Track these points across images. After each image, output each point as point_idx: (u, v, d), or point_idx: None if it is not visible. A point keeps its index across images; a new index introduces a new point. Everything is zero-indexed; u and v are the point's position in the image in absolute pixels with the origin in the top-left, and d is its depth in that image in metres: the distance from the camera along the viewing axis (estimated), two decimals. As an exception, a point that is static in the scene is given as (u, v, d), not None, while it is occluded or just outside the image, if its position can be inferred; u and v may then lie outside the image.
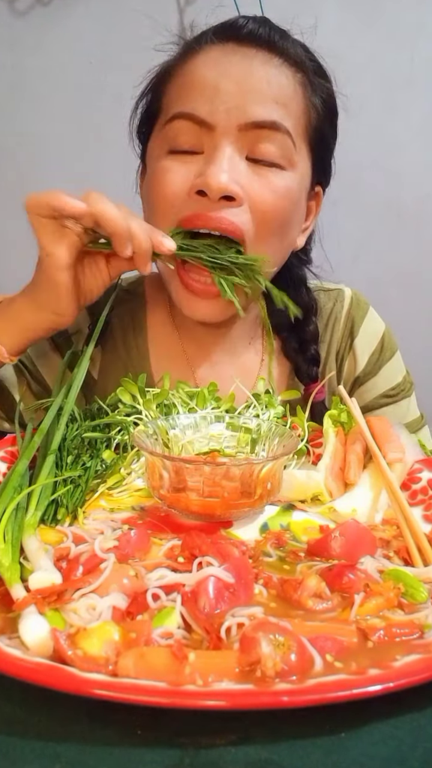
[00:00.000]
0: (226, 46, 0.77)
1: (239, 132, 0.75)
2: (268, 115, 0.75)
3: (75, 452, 0.70)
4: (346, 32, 1.77)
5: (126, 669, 0.40)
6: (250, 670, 0.40)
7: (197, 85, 0.76)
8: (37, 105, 1.74)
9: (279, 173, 0.77)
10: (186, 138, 0.76)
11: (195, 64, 0.78)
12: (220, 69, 0.75)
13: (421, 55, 1.83)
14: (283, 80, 0.77)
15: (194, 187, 0.74)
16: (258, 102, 0.75)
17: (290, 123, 0.77)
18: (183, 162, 0.76)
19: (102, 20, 1.69)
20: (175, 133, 0.77)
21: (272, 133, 0.75)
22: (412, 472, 0.71)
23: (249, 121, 0.74)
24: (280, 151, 0.76)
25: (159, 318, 0.95)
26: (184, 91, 0.77)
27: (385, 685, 0.38)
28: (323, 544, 0.56)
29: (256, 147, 0.75)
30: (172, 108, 0.78)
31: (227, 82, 0.74)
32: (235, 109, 0.74)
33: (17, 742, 0.38)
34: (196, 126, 0.75)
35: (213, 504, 0.61)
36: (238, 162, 0.75)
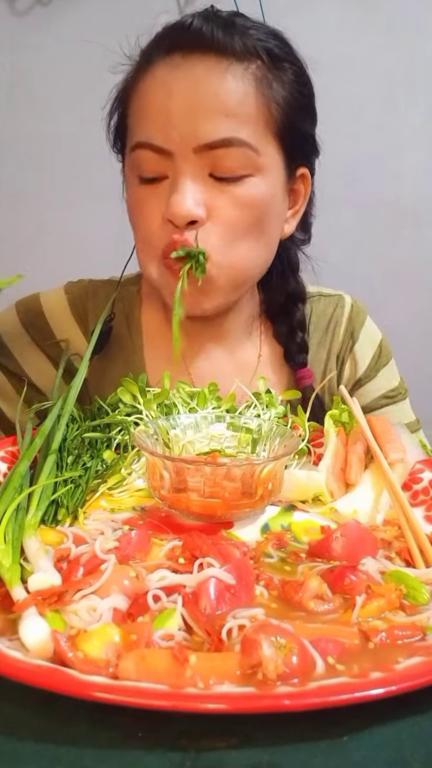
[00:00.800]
0: (172, 59, 0.76)
1: (195, 154, 0.75)
2: (220, 133, 0.74)
3: (75, 452, 0.69)
4: (346, 32, 1.77)
5: (127, 671, 0.39)
6: (252, 672, 0.40)
7: (150, 111, 0.77)
8: (37, 105, 1.74)
9: (244, 183, 0.77)
10: (150, 166, 0.78)
11: (146, 86, 0.78)
12: (167, 89, 0.75)
13: (421, 55, 1.83)
14: (231, 86, 0.75)
15: (165, 217, 0.77)
16: (207, 120, 0.74)
17: (246, 130, 0.76)
18: (152, 191, 0.78)
19: (102, 20, 1.69)
20: (139, 162, 0.79)
21: (228, 149, 0.75)
22: (413, 473, 0.71)
23: (201, 143, 0.74)
24: (240, 163, 0.76)
25: (154, 315, 0.96)
26: (140, 118, 0.78)
27: (388, 688, 0.38)
28: (324, 545, 0.56)
29: (216, 164, 0.76)
30: (134, 135, 0.79)
31: (175, 104, 0.74)
32: (187, 133, 0.74)
33: (17, 744, 0.37)
34: (156, 154, 0.76)
35: (214, 504, 0.61)
36: (201, 183, 0.76)
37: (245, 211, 0.78)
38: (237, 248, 0.79)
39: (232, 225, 0.78)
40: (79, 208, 1.77)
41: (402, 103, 1.85)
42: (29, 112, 1.75)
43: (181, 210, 0.75)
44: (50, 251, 1.78)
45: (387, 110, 1.84)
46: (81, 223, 1.75)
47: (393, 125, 1.86)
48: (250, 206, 0.78)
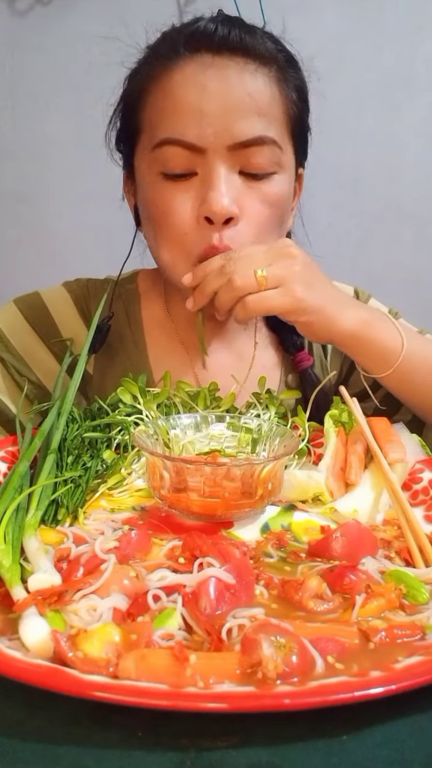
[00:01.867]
0: (201, 58, 0.77)
1: (229, 152, 0.77)
2: (254, 131, 0.77)
3: (75, 452, 0.69)
4: (346, 32, 1.77)
5: (127, 671, 0.39)
6: (252, 671, 0.40)
7: (181, 108, 0.77)
8: (37, 105, 1.74)
9: (270, 180, 0.80)
10: (178, 162, 0.78)
11: (173, 83, 0.78)
12: (200, 87, 0.76)
13: (421, 55, 1.83)
14: (261, 86, 0.78)
15: (200, 215, 0.78)
16: (242, 119, 0.76)
17: (274, 130, 0.79)
18: (181, 188, 0.79)
19: (102, 20, 1.69)
20: (165, 158, 0.79)
21: (260, 147, 0.78)
22: (413, 473, 0.71)
23: (237, 141, 0.77)
24: (269, 161, 0.79)
25: (154, 311, 0.97)
26: (168, 115, 0.78)
27: (387, 687, 0.38)
28: (324, 545, 0.56)
29: (247, 162, 0.78)
30: (158, 132, 0.79)
31: (210, 102, 0.76)
32: (223, 130, 0.76)
33: (17, 744, 0.37)
34: (186, 150, 0.77)
35: (214, 504, 0.61)
36: (233, 180, 0.78)
37: (272, 208, 0.81)
38: (266, 242, 0.81)
39: (261, 223, 0.80)
40: (79, 208, 1.77)
41: (402, 103, 1.85)
42: (29, 112, 1.74)
43: (221, 208, 0.76)
44: (50, 251, 1.78)
45: (387, 110, 1.84)
46: (81, 223, 1.75)
47: (393, 125, 1.85)
48: (276, 203, 0.81)
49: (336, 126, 1.72)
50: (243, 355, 0.96)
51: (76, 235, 1.78)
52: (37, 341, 0.93)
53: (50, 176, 1.78)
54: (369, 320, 0.79)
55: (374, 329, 0.79)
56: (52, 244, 1.80)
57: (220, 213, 0.76)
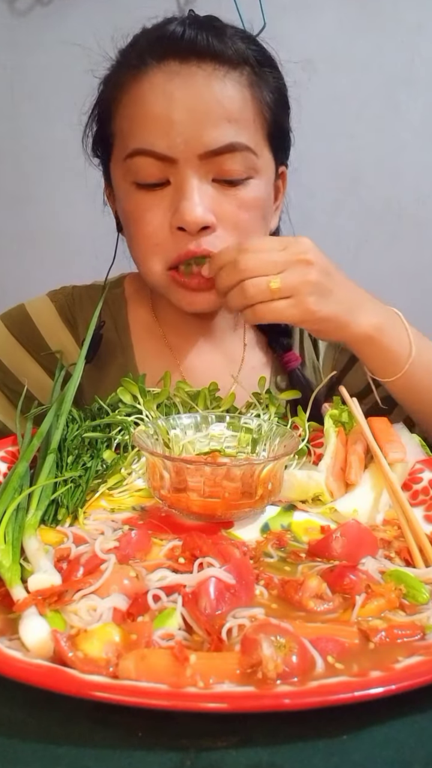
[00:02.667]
0: (168, 66, 0.76)
1: (200, 160, 0.76)
2: (225, 138, 0.76)
3: (75, 452, 0.69)
4: (346, 32, 1.76)
5: (127, 671, 0.39)
6: (252, 671, 0.40)
7: (150, 118, 0.76)
8: (37, 105, 1.74)
9: (245, 186, 0.80)
10: (150, 172, 0.78)
11: (141, 93, 0.77)
12: (168, 96, 0.75)
13: (421, 55, 1.82)
14: (231, 92, 0.77)
15: (173, 224, 0.78)
16: (212, 127, 0.75)
17: (246, 135, 0.78)
18: (154, 197, 0.79)
19: (102, 20, 1.69)
20: (137, 168, 0.78)
21: (232, 154, 0.77)
22: (413, 473, 0.71)
23: (208, 150, 0.76)
24: (243, 167, 0.78)
25: (141, 314, 0.97)
26: (138, 125, 0.77)
27: (387, 687, 0.38)
28: (324, 545, 0.56)
29: (220, 170, 0.78)
30: (129, 142, 0.78)
31: (178, 112, 0.75)
32: (193, 139, 0.75)
33: (17, 744, 0.37)
34: (158, 160, 0.77)
35: (214, 504, 0.61)
36: (206, 188, 0.78)
37: (250, 212, 0.80)
38: None
39: (240, 227, 0.80)
40: (79, 208, 1.76)
41: (402, 103, 1.84)
42: (29, 112, 1.74)
43: (194, 217, 0.75)
44: (50, 251, 1.78)
45: (387, 110, 1.84)
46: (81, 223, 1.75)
47: (393, 125, 1.85)
48: (254, 207, 0.80)
49: (336, 126, 1.72)
50: (232, 356, 0.97)
51: (75, 235, 1.77)
52: (25, 355, 0.93)
53: (50, 176, 1.78)
54: (381, 325, 0.78)
55: (385, 335, 0.78)
56: (52, 244, 1.80)
57: (194, 222, 0.76)
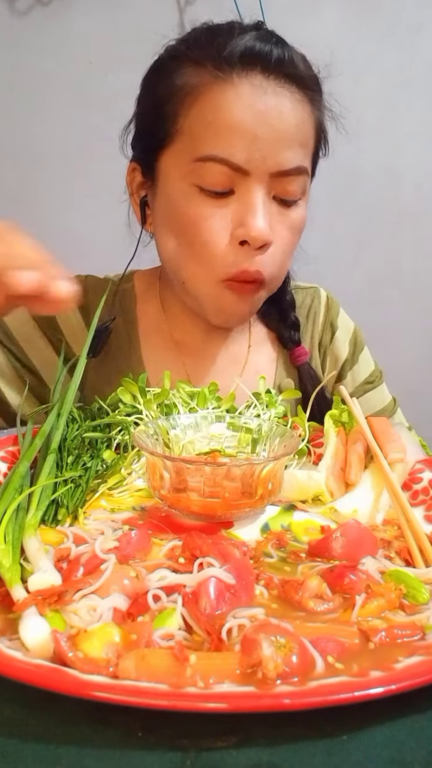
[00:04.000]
0: (253, 78, 0.77)
1: (270, 178, 0.78)
2: (296, 161, 0.79)
3: (75, 452, 0.69)
4: (346, 32, 1.77)
5: (127, 671, 0.39)
6: (252, 671, 0.40)
7: (234, 129, 0.76)
8: (37, 105, 1.74)
9: (297, 207, 0.83)
10: (219, 180, 0.78)
11: (226, 101, 0.76)
12: (256, 112, 0.76)
13: (421, 55, 1.83)
14: (305, 116, 0.80)
15: (237, 237, 0.79)
16: (288, 148, 0.78)
17: (308, 160, 0.82)
18: (217, 206, 0.79)
19: (102, 20, 1.69)
20: (207, 173, 0.78)
21: (297, 176, 0.80)
22: (413, 473, 0.71)
23: (281, 170, 0.78)
24: (300, 189, 0.82)
25: (150, 310, 0.98)
26: (218, 132, 0.76)
27: (387, 687, 0.38)
28: (324, 545, 0.56)
29: (283, 190, 0.80)
30: (203, 146, 0.77)
31: (263, 129, 0.76)
32: (270, 157, 0.77)
33: (17, 744, 0.37)
34: (231, 170, 0.77)
35: (214, 504, 0.61)
36: (269, 206, 0.80)
37: (296, 234, 0.84)
38: (284, 269, 0.86)
39: (287, 249, 0.84)
40: (79, 208, 1.77)
41: (402, 103, 1.85)
42: (29, 112, 1.74)
43: (261, 233, 0.77)
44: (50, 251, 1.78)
45: (387, 110, 1.84)
46: (81, 223, 1.75)
47: (393, 125, 1.85)
48: (300, 229, 0.85)
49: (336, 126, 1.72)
50: (236, 355, 0.98)
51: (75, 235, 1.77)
52: (36, 330, 0.93)
53: (50, 176, 1.78)
54: None
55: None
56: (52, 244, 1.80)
57: (260, 238, 0.77)
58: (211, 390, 0.83)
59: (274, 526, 0.63)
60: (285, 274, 0.90)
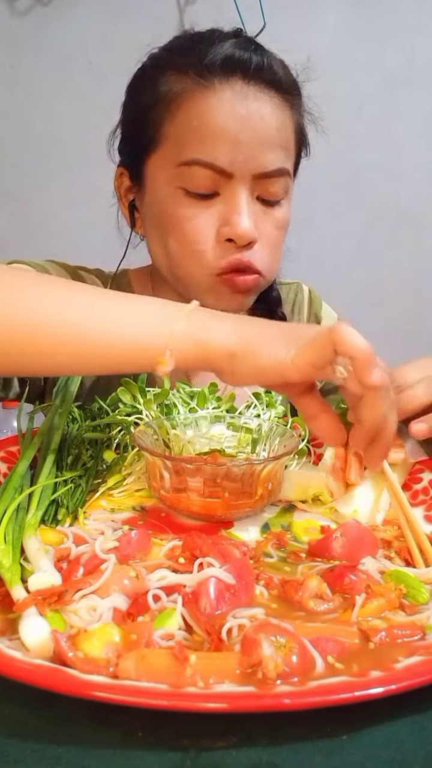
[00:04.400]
0: (235, 85, 0.79)
1: (253, 179, 0.81)
2: (278, 163, 0.82)
3: (75, 452, 0.69)
4: (346, 32, 1.77)
5: (127, 671, 0.39)
6: (252, 671, 0.40)
7: (217, 133, 0.79)
8: (37, 105, 1.74)
9: (280, 207, 0.85)
10: (203, 182, 0.81)
11: (209, 107, 0.79)
12: (238, 116, 0.79)
13: (421, 55, 1.83)
14: (285, 120, 0.82)
15: (223, 235, 0.81)
16: (270, 151, 0.81)
17: (289, 162, 0.84)
18: (203, 207, 0.82)
19: (102, 20, 1.69)
20: (192, 177, 0.80)
21: (278, 177, 0.83)
22: (413, 473, 0.71)
23: (263, 171, 0.81)
24: (282, 190, 0.84)
25: None
26: (202, 136, 0.79)
27: (387, 687, 0.38)
28: (324, 545, 0.56)
29: (265, 190, 0.83)
30: (187, 150, 0.80)
31: (246, 133, 0.79)
32: (252, 159, 0.80)
33: (17, 744, 0.37)
34: (215, 173, 0.80)
35: (214, 504, 0.61)
36: (253, 206, 0.82)
37: (281, 231, 0.87)
38: (275, 263, 0.88)
39: (274, 246, 0.86)
40: (79, 207, 1.77)
41: (402, 103, 1.85)
42: (29, 112, 1.74)
43: (247, 232, 0.80)
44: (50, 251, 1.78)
45: (387, 110, 1.84)
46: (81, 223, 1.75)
47: (393, 125, 1.85)
48: (284, 227, 0.87)
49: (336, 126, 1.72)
50: None
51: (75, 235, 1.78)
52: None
53: (50, 176, 1.78)
54: None
55: None
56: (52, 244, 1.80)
57: (245, 236, 0.80)
58: (211, 390, 0.83)
59: (274, 526, 0.63)
60: (277, 268, 0.91)
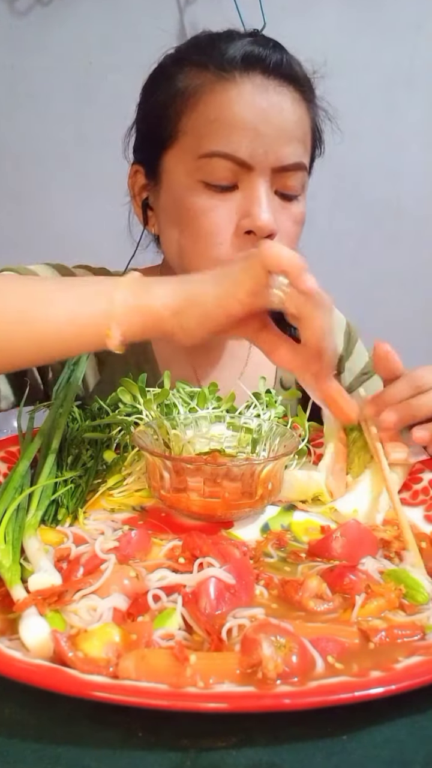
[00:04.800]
0: (254, 78, 0.80)
1: (272, 172, 0.81)
2: (296, 157, 0.82)
3: (75, 452, 0.69)
4: (346, 32, 1.77)
5: (127, 671, 0.39)
6: (252, 671, 0.40)
7: (237, 125, 0.79)
8: (37, 105, 1.74)
9: (297, 202, 0.85)
10: (224, 174, 0.81)
11: (228, 98, 0.80)
12: (258, 109, 0.79)
13: (421, 55, 1.83)
14: (303, 115, 0.83)
15: (242, 227, 0.80)
16: (288, 144, 0.81)
17: (306, 156, 0.85)
18: (222, 199, 0.81)
19: (102, 20, 1.69)
20: (212, 169, 0.81)
21: (296, 171, 0.83)
22: (413, 473, 0.71)
23: (282, 164, 0.81)
24: (300, 185, 0.84)
25: None
26: (222, 128, 0.79)
27: (387, 687, 0.38)
28: (324, 545, 0.56)
29: (284, 184, 0.83)
30: (207, 143, 0.80)
31: (266, 125, 0.79)
32: (272, 152, 0.80)
33: (17, 744, 0.37)
34: (235, 165, 0.80)
35: (214, 504, 0.61)
36: (272, 198, 0.82)
37: (298, 226, 0.86)
38: None
39: (292, 240, 0.85)
40: (79, 208, 1.77)
41: (402, 103, 1.84)
42: (29, 112, 1.74)
43: (266, 223, 0.79)
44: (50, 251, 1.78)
45: (387, 110, 1.84)
46: (81, 223, 1.75)
47: (393, 125, 1.85)
48: (301, 222, 0.87)
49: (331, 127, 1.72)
50: (237, 353, 0.99)
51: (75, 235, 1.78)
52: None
53: (50, 176, 1.78)
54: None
55: None
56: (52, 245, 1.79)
57: (266, 227, 0.79)
58: (211, 390, 0.83)
59: (274, 526, 0.63)
60: None
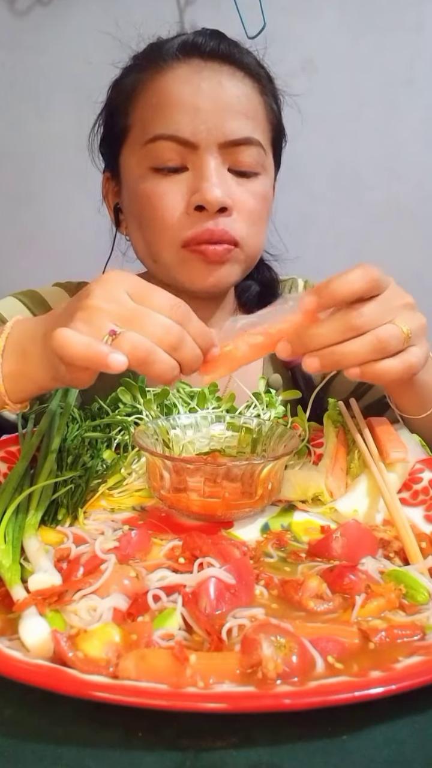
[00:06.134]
0: (192, 63, 0.81)
1: (219, 149, 0.81)
2: (243, 131, 0.82)
3: (75, 452, 0.69)
4: (346, 32, 1.76)
5: (127, 671, 0.39)
6: (252, 671, 0.40)
7: (175, 105, 0.80)
8: (37, 105, 1.74)
9: (256, 180, 0.85)
10: (170, 156, 0.81)
11: (166, 82, 0.81)
12: (194, 86, 0.80)
13: (421, 55, 1.82)
14: (249, 92, 0.83)
15: (192, 203, 0.80)
16: (233, 119, 0.81)
17: (259, 133, 0.84)
18: (172, 181, 0.82)
19: (102, 20, 1.69)
20: (157, 153, 0.81)
21: (248, 147, 0.83)
22: (413, 473, 0.71)
23: (228, 139, 0.81)
24: (255, 161, 0.84)
25: None
26: (162, 112, 0.81)
27: (387, 687, 0.38)
28: (324, 545, 0.56)
29: (235, 160, 0.83)
30: (151, 128, 0.81)
31: (203, 100, 0.79)
32: (215, 128, 0.80)
33: (17, 744, 0.37)
34: (180, 146, 0.80)
35: (214, 504, 0.61)
36: (224, 175, 0.82)
37: (260, 204, 0.85)
38: (256, 235, 0.86)
39: (253, 215, 0.84)
40: (79, 208, 1.77)
41: (402, 103, 1.84)
42: (29, 112, 1.74)
43: (215, 196, 0.79)
44: (50, 251, 1.78)
45: (387, 110, 1.84)
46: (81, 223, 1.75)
47: (393, 125, 1.85)
48: (263, 200, 0.86)
49: (336, 126, 1.72)
50: None
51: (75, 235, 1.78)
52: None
53: (50, 176, 1.78)
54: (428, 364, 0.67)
55: (423, 374, 0.67)
56: (51, 245, 1.80)
57: (214, 201, 0.79)
58: (211, 390, 0.83)
59: (274, 526, 0.63)
60: (261, 244, 0.90)
